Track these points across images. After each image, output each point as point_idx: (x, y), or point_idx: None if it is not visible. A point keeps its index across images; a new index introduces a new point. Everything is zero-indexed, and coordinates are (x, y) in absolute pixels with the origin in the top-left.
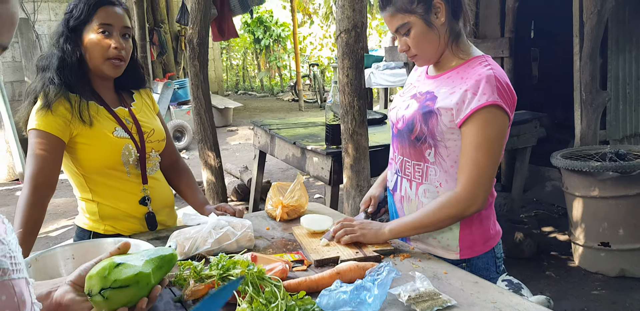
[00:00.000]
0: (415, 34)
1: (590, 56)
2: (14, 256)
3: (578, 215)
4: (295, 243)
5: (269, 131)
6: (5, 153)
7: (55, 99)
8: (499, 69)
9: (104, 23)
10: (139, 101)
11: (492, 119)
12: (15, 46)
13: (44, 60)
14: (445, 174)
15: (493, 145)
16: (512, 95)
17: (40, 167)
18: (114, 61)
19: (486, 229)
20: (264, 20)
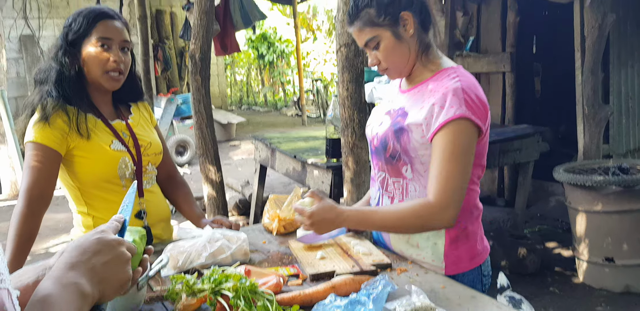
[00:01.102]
0: (385, 47)
1: (592, 70)
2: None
3: (582, 230)
4: (291, 257)
5: (269, 145)
6: (8, 168)
7: (52, 111)
8: (467, 81)
9: (103, 37)
10: (137, 114)
11: (460, 132)
12: (20, 62)
13: (42, 73)
14: (425, 189)
15: (462, 156)
16: (483, 106)
17: (35, 179)
18: (113, 74)
19: (472, 245)
20: (268, 36)
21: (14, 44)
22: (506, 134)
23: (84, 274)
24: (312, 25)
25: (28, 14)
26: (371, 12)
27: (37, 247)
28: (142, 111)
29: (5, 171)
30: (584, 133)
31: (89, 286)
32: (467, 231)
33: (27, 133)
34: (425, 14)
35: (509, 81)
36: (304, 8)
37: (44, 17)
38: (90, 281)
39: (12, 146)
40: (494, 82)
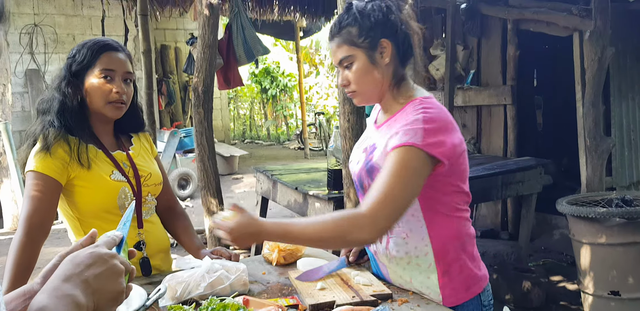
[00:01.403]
0: (357, 69)
1: (592, 103)
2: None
3: (586, 263)
4: (291, 288)
5: (271, 177)
6: (11, 202)
7: (54, 141)
8: (432, 112)
9: (106, 68)
10: (137, 145)
11: (407, 156)
12: (25, 96)
13: (44, 103)
14: (407, 224)
15: (405, 177)
16: (446, 136)
17: (35, 209)
18: (116, 104)
19: (467, 275)
20: (271, 71)
21: (20, 79)
22: (508, 166)
23: (78, 286)
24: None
25: (34, 49)
26: (352, 31)
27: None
28: (143, 141)
29: (8, 205)
30: (586, 165)
31: (84, 297)
32: (460, 262)
33: (29, 162)
34: (407, 47)
35: (511, 113)
36: (307, 43)
37: (50, 52)
38: (84, 292)
39: (16, 179)
40: (495, 114)
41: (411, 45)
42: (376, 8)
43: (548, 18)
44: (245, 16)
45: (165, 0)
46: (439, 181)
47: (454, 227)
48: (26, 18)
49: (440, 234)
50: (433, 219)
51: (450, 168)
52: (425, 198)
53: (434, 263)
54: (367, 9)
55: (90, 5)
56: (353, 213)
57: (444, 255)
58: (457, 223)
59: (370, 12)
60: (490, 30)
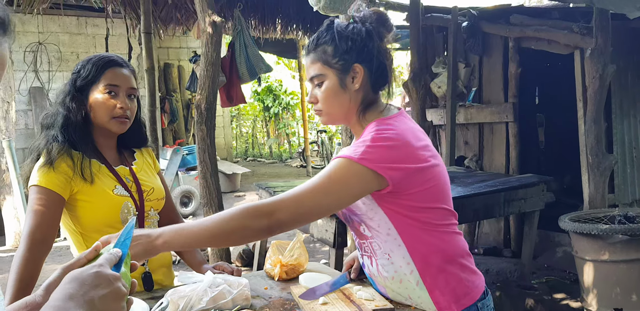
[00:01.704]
0: (327, 89)
1: (594, 120)
2: None
3: (589, 280)
4: (292, 303)
5: (273, 193)
6: (13, 219)
7: (57, 156)
8: (386, 132)
9: (111, 84)
10: (140, 160)
11: (339, 167)
12: (28, 114)
13: (48, 118)
14: (386, 244)
15: (327, 186)
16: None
17: (38, 223)
18: (120, 119)
19: (453, 288)
20: (274, 89)
21: (24, 96)
22: (511, 183)
23: (82, 306)
24: None
25: (38, 67)
26: (328, 50)
27: None
28: (146, 156)
29: (10, 222)
30: (588, 183)
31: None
32: (445, 274)
33: (32, 177)
34: (381, 74)
35: (512, 131)
36: None
37: (54, 70)
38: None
39: (18, 196)
40: (497, 132)
41: (386, 73)
42: (356, 31)
43: (549, 36)
44: (248, 34)
45: (168, 19)
46: (400, 200)
47: (433, 242)
48: (30, 36)
49: (419, 251)
50: (409, 236)
51: (405, 189)
52: (394, 216)
53: (420, 279)
54: (347, 30)
55: (94, 23)
56: (256, 203)
57: (427, 270)
58: (437, 238)
59: (349, 35)
60: (492, 48)
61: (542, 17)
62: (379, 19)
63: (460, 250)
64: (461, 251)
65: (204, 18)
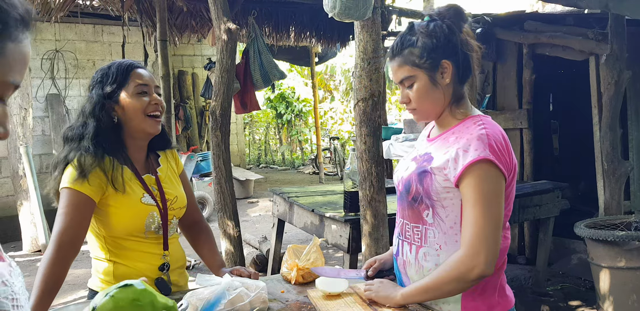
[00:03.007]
0: (418, 89)
1: (609, 126)
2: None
3: (605, 287)
4: (310, 306)
5: (287, 199)
6: (30, 225)
7: (91, 169)
8: (493, 129)
9: (141, 83)
10: (165, 165)
11: (485, 174)
12: (45, 120)
13: (75, 130)
14: (444, 235)
15: (490, 201)
16: (508, 154)
17: (67, 226)
18: (154, 115)
19: (489, 296)
20: (287, 96)
21: (41, 103)
22: (525, 190)
23: None
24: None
25: (55, 74)
26: (415, 51)
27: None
28: (170, 159)
29: (27, 227)
30: (604, 189)
31: None
32: (487, 283)
33: (63, 179)
34: (466, 67)
35: (527, 137)
36: (322, 68)
37: (71, 78)
38: None
39: (35, 202)
40: (511, 138)
41: (470, 64)
42: (438, 29)
43: (564, 42)
44: (262, 41)
45: (184, 26)
46: None
47: None
48: (48, 44)
49: None
50: None
51: (506, 188)
52: None
53: None
54: (429, 29)
55: (110, 31)
56: (457, 257)
57: None
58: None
59: (432, 33)
60: (506, 54)
61: (557, 23)
62: (455, 12)
63: (504, 260)
64: (505, 260)
65: (219, 25)
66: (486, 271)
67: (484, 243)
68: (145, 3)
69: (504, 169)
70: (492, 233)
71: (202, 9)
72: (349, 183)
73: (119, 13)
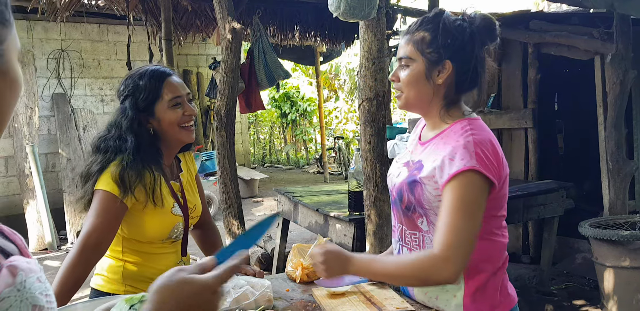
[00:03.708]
0: (411, 74)
1: (615, 126)
2: (49, 294)
3: (610, 286)
4: (314, 304)
5: (292, 198)
6: (36, 223)
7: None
8: (481, 135)
9: (175, 96)
10: (185, 170)
11: (468, 185)
12: (51, 119)
13: (108, 142)
14: None
15: (469, 211)
16: (496, 159)
17: (95, 228)
18: (188, 125)
19: (490, 296)
20: (291, 95)
21: (47, 102)
22: (530, 189)
23: None
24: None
25: (61, 74)
26: (427, 38)
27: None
28: (189, 163)
29: (33, 226)
30: (609, 189)
31: None
32: (488, 284)
33: (101, 181)
34: (469, 79)
35: (532, 137)
36: (326, 67)
37: (76, 77)
38: None
39: (41, 201)
40: (516, 138)
41: (475, 80)
42: (460, 30)
43: (569, 42)
44: (267, 41)
45: (188, 26)
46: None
47: (486, 249)
48: (53, 43)
49: (474, 256)
50: None
51: (497, 193)
52: None
53: (463, 281)
54: (453, 25)
55: (115, 30)
56: (427, 255)
57: (474, 276)
58: (491, 246)
59: (453, 31)
60: (511, 53)
61: (562, 22)
62: (486, 26)
63: (505, 258)
64: (505, 260)
65: (223, 25)
66: (450, 280)
67: (455, 252)
68: (150, 3)
69: (492, 176)
70: (467, 240)
71: (206, 9)
72: (354, 183)
73: (124, 13)
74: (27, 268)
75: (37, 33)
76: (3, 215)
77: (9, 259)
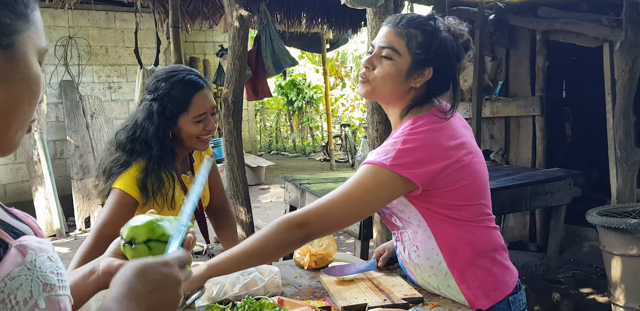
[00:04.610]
0: (391, 68)
1: (623, 113)
2: (61, 273)
3: (617, 275)
4: (322, 291)
5: (299, 186)
6: (45, 210)
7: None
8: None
9: (200, 114)
10: (197, 160)
11: (368, 174)
12: (59, 106)
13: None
14: (416, 234)
15: (356, 195)
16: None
17: (110, 220)
18: (205, 137)
19: (482, 281)
20: (297, 83)
21: (55, 90)
22: (537, 177)
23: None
24: (340, 71)
25: (69, 61)
26: (419, 38)
27: None
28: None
29: (42, 212)
30: (617, 177)
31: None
32: (474, 267)
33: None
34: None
35: (539, 124)
36: (333, 55)
37: (84, 64)
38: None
39: (50, 188)
40: (523, 125)
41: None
42: (449, 41)
43: (577, 29)
44: (274, 28)
45: (195, 13)
46: (431, 200)
47: (462, 236)
48: (61, 30)
49: (449, 243)
50: (440, 229)
51: (436, 190)
52: (426, 212)
53: (448, 271)
54: (444, 34)
55: (123, 18)
56: (287, 216)
57: (455, 262)
58: (468, 232)
59: (446, 39)
60: (519, 41)
61: (571, 9)
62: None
63: (494, 244)
64: (494, 245)
65: (231, 12)
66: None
67: (315, 219)
68: None
69: (409, 176)
70: (335, 213)
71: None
72: None
73: (132, 0)
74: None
75: (44, 20)
76: (12, 202)
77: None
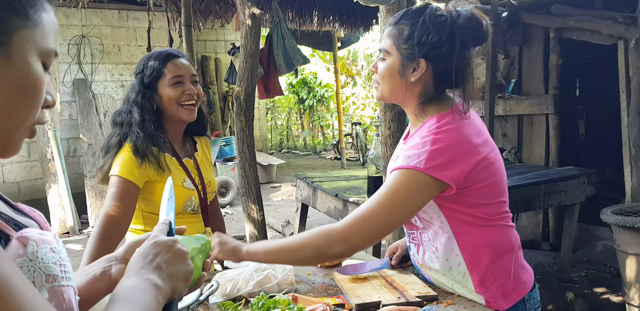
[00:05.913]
0: (385, 68)
1: (638, 112)
2: (64, 264)
3: (632, 274)
4: (336, 288)
5: (311, 184)
6: (58, 207)
7: (147, 152)
8: (449, 133)
9: (176, 75)
10: (201, 151)
11: (402, 180)
12: (72, 105)
13: (122, 115)
14: (436, 235)
15: (393, 202)
16: (456, 159)
17: (115, 207)
18: (188, 105)
19: (502, 283)
20: (308, 81)
21: (68, 88)
22: (551, 176)
23: (153, 272)
24: (351, 70)
25: (82, 60)
26: (404, 32)
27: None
28: (204, 147)
29: (55, 210)
30: (631, 175)
31: (160, 281)
32: (494, 269)
33: (115, 167)
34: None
35: (553, 123)
36: (344, 53)
37: (97, 63)
38: (160, 277)
39: (63, 185)
40: (536, 124)
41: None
42: (440, 28)
43: (592, 26)
44: (286, 26)
45: (207, 11)
46: (458, 199)
47: (483, 237)
48: (74, 29)
49: (470, 244)
50: (462, 230)
51: (466, 188)
52: (449, 212)
53: (467, 272)
54: (432, 22)
55: (135, 16)
56: (328, 228)
57: (476, 264)
58: (489, 233)
59: (431, 28)
60: (532, 38)
61: (585, 7)
62: (470, 26)
63: (512, 244)
64: (513, 245)
65: (243, 10)
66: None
67: (357, 232)
68: None
69: (443, 177)
70: (375, 224)
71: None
72: (373, 168)
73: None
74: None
75: (58, 19)
76: (26, 199)
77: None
